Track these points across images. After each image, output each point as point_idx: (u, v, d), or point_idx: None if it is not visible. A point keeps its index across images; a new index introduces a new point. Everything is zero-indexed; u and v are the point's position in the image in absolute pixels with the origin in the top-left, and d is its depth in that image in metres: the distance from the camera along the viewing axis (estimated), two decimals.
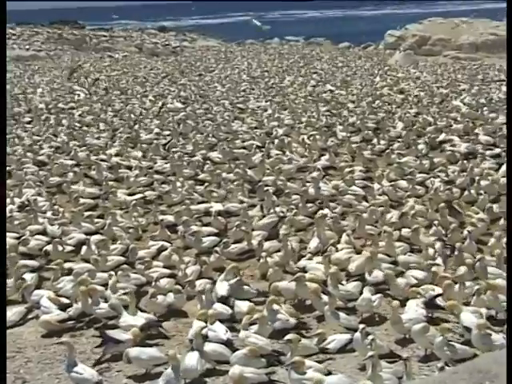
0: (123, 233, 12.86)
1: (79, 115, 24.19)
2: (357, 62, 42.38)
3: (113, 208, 14.38)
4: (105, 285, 10.68)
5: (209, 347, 8.57)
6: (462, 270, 10.61)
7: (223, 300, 10.04)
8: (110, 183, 15.94)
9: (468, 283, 10.05)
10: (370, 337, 8.38)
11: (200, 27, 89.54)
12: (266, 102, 25.80)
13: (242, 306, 9.78)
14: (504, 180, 14.76)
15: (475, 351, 8.35)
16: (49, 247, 12.31)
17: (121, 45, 59.89)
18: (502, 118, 20.61)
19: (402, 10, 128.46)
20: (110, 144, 19.63)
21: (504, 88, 27.32)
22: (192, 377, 8.32)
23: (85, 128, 21.86)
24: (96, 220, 13.75)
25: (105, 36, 62.97)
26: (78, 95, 29.10)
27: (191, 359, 8.27)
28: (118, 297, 10.13)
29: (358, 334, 8.51)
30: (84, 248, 12.22)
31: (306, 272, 10.71)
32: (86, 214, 13.96)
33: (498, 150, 17.34)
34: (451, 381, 4.72)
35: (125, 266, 11.41)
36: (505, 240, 11.57)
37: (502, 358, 4.72)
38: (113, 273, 10.97)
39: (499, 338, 8.37)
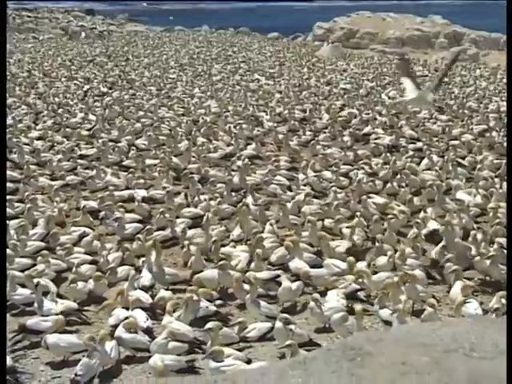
0: (43, 218, 12.58)
1: None
2: (285, 53, 42.53)
3: (34, 193, 14.09)
4: (23, 270, 10.46)
5: (127, 335, 8.51)
6: (382, 260, 10.81)
7: (146, 288, 10.02)
8: (32, 167, 15.61)
9: (387, 274, 10.24)
10: (291, 326, 8.44)
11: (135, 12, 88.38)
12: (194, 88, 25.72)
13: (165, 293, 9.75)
14: (424, 175, 15.12)
15: None
16: None
17: (46, 26, 58.62)
18: (425, 113, 21.07)
19: (332, 3, 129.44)
20: (33, 127, 19.21)
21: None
22: (109, 364, 8.25)
23: (6, 110, 21.32)
24: (16, 204, 13.44)
25: (29, 16, 61.44)
26: None
27: (107, 346, 8.20)
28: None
29: (278, 323, 8.57)
30: None
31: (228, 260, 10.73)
32: (7, 198, 13.62)
33: (420, 144, 17.69)
34: (324, 357, 4.81)
35: (45, 251, 11.17)
36: (424, 232, 11.85)
37: (374, 337, 4.84)
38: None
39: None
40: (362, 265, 10.66)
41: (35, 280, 9.68)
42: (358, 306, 8.90)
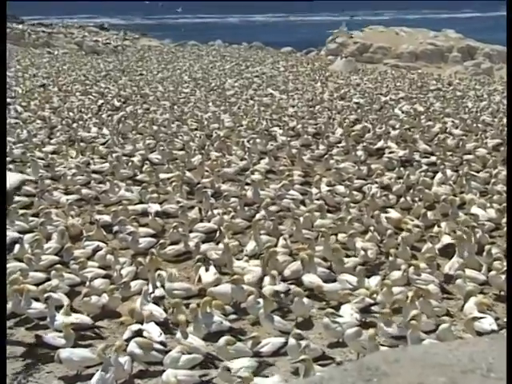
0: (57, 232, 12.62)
1: (15, 111, 23.69)
2: (299, 67, 42.60)
3: (48, 207, 14.15)
4: (37, 284, 10.49)
5: (140, 350, 8.51)
6: (396, 275, 10.77)
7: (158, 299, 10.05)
8: (47, 181, 15.69)
9: (401, 289, 10.21)
10: (304, 342, 8.42)
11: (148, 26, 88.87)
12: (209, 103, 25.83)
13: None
14: (438, 189, 15.08)
15: None
16: None
17: (61, 41, 59.00)
18: (439, 127, 21.05)
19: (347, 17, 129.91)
20: (47, 141, 19.32)
21: (437, 103, 27.96)
22: (123, 378, 8.25)
23: (21, 124, 21.45)
24: (31, 218, 13.49)
25: (44, 32, 61.85)
26: (15, 91, 28.53)
27: (121, 360, 8.21)
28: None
29: (291, 339, 8.56)
30: (17, 246, 11.98)
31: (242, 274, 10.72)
32: (21, 211, 13.68)
33: (433, 158, 17.64)
34: (341, 377, 4.79)
35: (59, 265, 11.21)
36: (437, 246, 11.83)
37: (391, 357, 4.81)
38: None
39: None
40: (375, 280, 10.64)
41: (46, 294, 9.72)
42: (371, 330, 8.82)
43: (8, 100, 25.49)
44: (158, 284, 10.46)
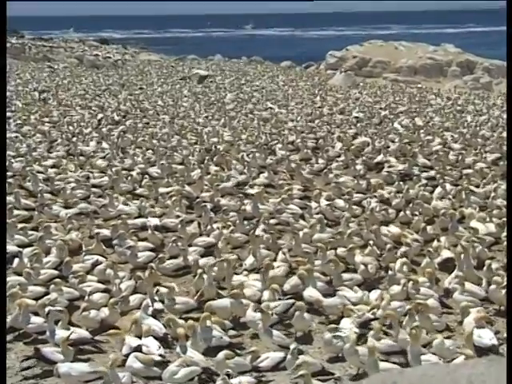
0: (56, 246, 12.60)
1: (15, 125, 23.71)
2: (298, 81, 42.71)
3: (48, 221, 14.13)
4: (36, 299, 10.46)
5: (139, 364, 8.49)
6: (395, 289, 10.74)
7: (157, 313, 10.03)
8: (46, 195, 15.69)
9: (400, 303, 10.19)
10: (300, 360, 8.37)
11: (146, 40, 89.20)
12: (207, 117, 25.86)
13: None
14: (438, 203, 15.08)
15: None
16: None
17: (61, 56, 59.20)
18: (438, 141, 21.11)
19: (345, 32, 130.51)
20: (47, 155, 19.34)
21: (436, 117, 28.00)
22: None
23: (21, 138, 21.47)
24: (30, 232, 13.48)
25: (44, 46, 62.06)
26: (15, 105, 28.57)
27: (120, 374, 8.18)
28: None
29: (289, 354, 8.55)
30: (16, 260, 11.97)
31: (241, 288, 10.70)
32: (20, 225, 13.67)
33: (433, 173, 17.66)
34: None
35: (58, 279, 11.18)
36: (437, 260, 11.82)
37: (389, 381, 4.82)
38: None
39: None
40: (375, 294, 10.62)
41: (46, 308, 9.69)
42: (370, 343, 8.77)
43: (8, 114, 25.52)
44: (157, 298, 10.45)
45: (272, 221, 14.11)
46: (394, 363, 8.70)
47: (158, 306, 10.33)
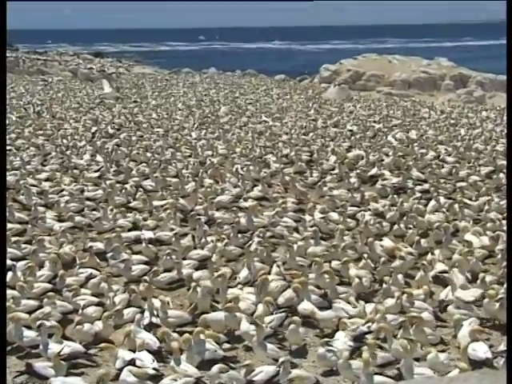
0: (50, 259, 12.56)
1: (9, 138, 23.68)
2: (292, 94, 42.81)
3: (41, 234, 14.09)
4: (30, 312, 10.42)
5: (133, 378, 8.45)
6: (390, 302, 10.73)
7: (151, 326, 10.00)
8: (40, 208, 15.65)
9: (394, 316, 10.17)
10: (293, 374, 8.34)
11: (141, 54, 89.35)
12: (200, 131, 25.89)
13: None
14: (432, 216, 15.09)
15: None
16: None
17: (55, 69, 59.23)
18: (432, 154, 21.17)
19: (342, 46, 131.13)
20: (41, 169, 19.31)
21: (430, 131, 28.08)
22: None
23: (15, 151, 21.44)
24: (23, 246, 13.44)
25: (38, 59, 62.09)
26: (9, 118, 28.54)
27: None
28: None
29: (278, 367, 8.54)
30: (9, 274, 11.91)
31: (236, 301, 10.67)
32: (13, 239, 13.62)
33: (427, 186, 17.69)
34: None
35: (51, 293, 11.14)
36: (431, 274, 11.82)
37: None
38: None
39: None
40: (369, 308, 10.60)
41: (39, 322, 9.65)
42: (365, 357, 8.73)
43: None
44: (152, 311, 10.41)
45: (266, 234, 14.11)
46: (388, 377, 8.68)
47: (152, 319, 10.30)
